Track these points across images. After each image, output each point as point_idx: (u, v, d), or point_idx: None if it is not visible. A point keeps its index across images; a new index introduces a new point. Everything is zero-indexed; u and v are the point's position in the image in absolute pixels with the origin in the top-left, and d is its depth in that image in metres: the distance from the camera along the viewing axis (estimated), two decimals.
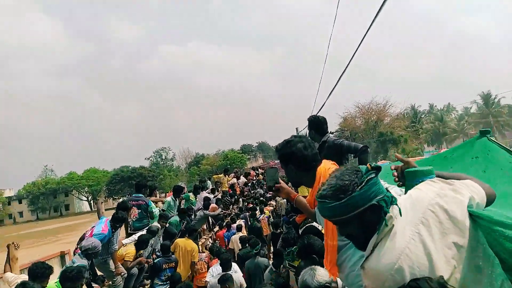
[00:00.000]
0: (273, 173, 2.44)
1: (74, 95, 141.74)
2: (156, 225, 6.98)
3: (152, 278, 6.53)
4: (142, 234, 6.42)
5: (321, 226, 2.47)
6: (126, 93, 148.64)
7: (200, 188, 11.84)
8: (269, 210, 14.48)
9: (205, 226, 11.16)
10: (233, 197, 14.64)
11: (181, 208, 8.76)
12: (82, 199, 77.41)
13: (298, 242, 3.13)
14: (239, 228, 10.05)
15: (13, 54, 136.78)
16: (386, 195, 1.30)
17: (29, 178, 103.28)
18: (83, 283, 4.67)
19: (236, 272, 5.90)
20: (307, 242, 3.12)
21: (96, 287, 5.24)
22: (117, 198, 68.69)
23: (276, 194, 2.51)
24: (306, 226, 4.00)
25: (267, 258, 7.29)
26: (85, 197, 76.60)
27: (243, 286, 5.81)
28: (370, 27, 6.52)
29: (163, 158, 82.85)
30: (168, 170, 74.44)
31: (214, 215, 10.89)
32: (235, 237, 9.33)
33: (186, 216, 8.67)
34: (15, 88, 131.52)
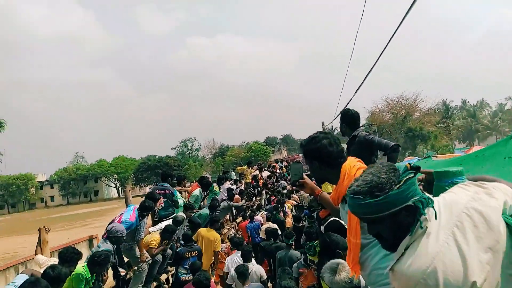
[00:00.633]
0: (297, 168, 2.43)
1: (105, 85, 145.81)
2: (181, 215, 7.09)
3: (176, 267, 6.67)
4: (168, 224, 6.54)
5: (345, 222, 2.44)
6: (155, 84, 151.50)
7: (224, 179, 11.93)
8: (291, 204, 14.46)
9: (228, 216, 11.26)
10: (256, 188, 14.71)
11: (212, 202, 8.84)
12: (110, 186, 79.79)
13: (320, 239, 3.10)
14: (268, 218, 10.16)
15: (47, 43, 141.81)
16: (423, 197, 1.26)
17: (61, 164, 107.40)
18: (109, 267, 4.83)
19: (253, 264, 5.93)
20: (329, 240, 3.09)
21: (122, 272, 5.39)
22: (143, 186, 70.47)
23: (300, 189, 2.49)
24: (329, 221, 3.94)
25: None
26: (113, 183, 78.89)
27: (264, 277, 5.84)
28: (403, 21, 6.29)
29: (189, 148, 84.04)
30: (193, 160, 75.50)
31: (237, 206, 10.99)
32: (263, 227, 9.38)
33: (216, 210, 8.77)
34: (49, 77, 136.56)
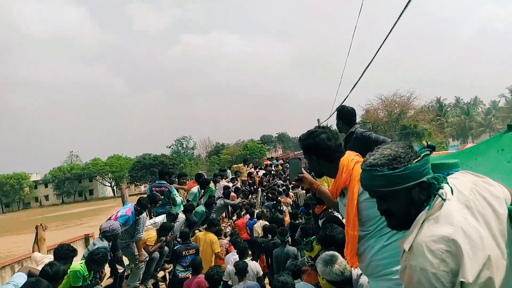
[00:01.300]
0: (295, 163, 2.46)
1: (99, 83, 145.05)
2: (177, 211, 7.10)
3: (173, 264, 6.68)
4: (165, 222, 6.55)
5: (342, 216, 2.47)
6: (149, 82, 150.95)
7: (220, 176, 11.94)
8: (287, 201, 14.52)
9: (224, 214, 11.29)
10: (251, 186, 14.75)
11: (209, 200, 8.84)
12: (105, 185, 79.42)
13: (320, 232, 3.12)
14: (259, 216, 10.13)
15: (40, 42, 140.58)
16: (437, 175, 1.30)
17: (55, 163, 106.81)
18: (105, 266, 4.83)
19: (249, 261, 5.95)
20: (329, 233, 3.09)
21: (120, 269, 5.40)
22: (139, 184, 70.18)
23: (298, 184, 2.53)
24: (327, 216, 3.98)
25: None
26: (108, 182, 78.55)
27: (260, 273, 5.87)
28: (398, 20, 6.33)
29: (184, 146, 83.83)
30: (188, 158, 75.36)
31: (233, 204, 11.02)
32: (257, 225, 9.40)
33: (212, 208, 8.78)
34: (43, 75, 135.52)
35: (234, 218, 11.59)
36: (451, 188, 1.30)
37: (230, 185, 11.77)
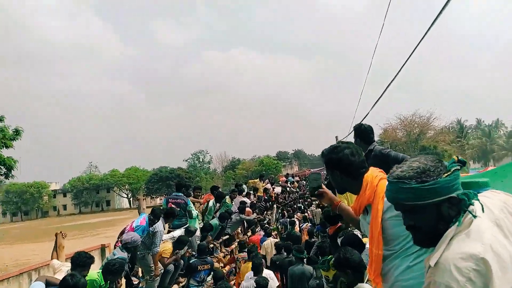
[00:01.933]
0: (316, 178, 2.40)
1: (120, 96, 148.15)
2: (195, 226, 7.10)
3: (188, 278, 6.64)
4: (181, 235, 6.55)
5: (363, 233, 2.42)
6: (169, 96, 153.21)
7: (237, 192, 11.93)
8: (299, 217, 14.38)
9: (239, 229, 11.21)
10: (267, 202, 14.65)
11: (223, 213, 8.83)
12: (122, 196, 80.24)
13: (335, 254, 3.06)
14: (269, 234, 10.05)
15: (65, 54, 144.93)
16: (468, 191, 1.26)
17: (74, 173, 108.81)
18: (122, 277, 4.84)
19: (272, 279, 5.86)
20: (343, 256, 3.02)
21: (135, 281, 5.40)
22: (154, 197, 70.64)
23: (318, 200, 2.48)
24: (346, 235, 3.91)
25: None
26: (125, 194, 79.37)
27: None
28: (421, 41, 6.28)
29: (201, 160, 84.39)
30: (204, 172, 75.70)
31: (248, 220, 10.94)
32: (267, 242, 9.28)
33: (226, 221, 8.74)
34: (66, 87, 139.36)
35: (249, 234, 11.49)
36: (482, 205, 1.25)
37: (246, 200, 11.72)
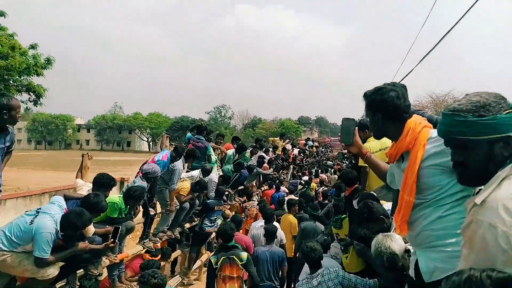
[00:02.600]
0: (349, 125, 2.28)
1: (151, 43, 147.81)
2: (210, 165, 7.21)
3: (202, 217, 6.86)
4: (201, 179, 6.68)
5: (391, 185, 2.33)
6: (199, 47, 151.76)
7: (258, 147, 12.02)
8: (316, 181, 14.49)
9: (254, 182, 11.39)
10: (284, 161, 14.73)
11: (239, 161, 8.95)
12: (143, 139, 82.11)
13: (359, 205, 3.01)
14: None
15: None
16: None
17: (99, 111, 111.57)
18: (141, 204, 5.01)
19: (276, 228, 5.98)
20: (367, 208, 2.95)
21: (151, 211, 5.58)
22: (174, 144, 71.85)
23: (348, 148, 2.39)
24: (363, 194, 3.87)
25: None
26: (145, 137, 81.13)
27: (284, 241, 5.93)
28: (464, 16, 5.86)
29: (222, 115, 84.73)
30: (225, 127, 76.19)
31: (265, 174, 11.09)
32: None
33: (241, 170, 8.86)
34: (101, 27, 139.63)
35: (264, 188, 11.66)
36: None
37: (264, 155, 11.80)
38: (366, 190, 4.65)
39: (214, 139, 9.04)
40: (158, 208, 6.36)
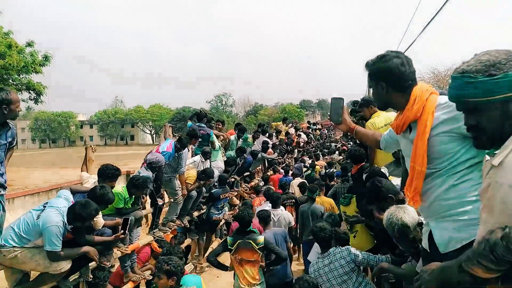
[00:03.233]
0: (338, 103, 2.35)
1: (148, 33, 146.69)
2: (209, 148, 7.19)
3: (208, 206, 6.87)
4: (208, 168, 6.66)
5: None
6: (197, 35, 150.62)
7: (261, 132, 12.00)
8: (321, 165, 14.44)
9: (259, 168, 11.39)
10: (288, 146, 14.69)
11: (241, 147, 8.94)
12: (146, 132, 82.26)
13: (369, 183, 2.96)
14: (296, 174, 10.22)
15: None
16: None
17: (100, 106, 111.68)
18: (147, 194, 5.00)
19: (282, 210, 5.99)
20: (376, 185, 2.89)
21: (159, 201, 5.59)
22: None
23: (337, 126, 2.40)
24: (372, 170, 3.82)
25: None
26: (148, 130, 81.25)
27: (292, 223, 5.94)
28: None
29: (223, 103, 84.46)
30: (226, 115, 76.03)
31: (270, 159, 11.08)
32: (294, 182, 9.45)
33: (243, 155, 8.86)
34: (97, 20, 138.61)
35: (269, 173, 11.65)
36: None
37: (268, 140, 11.77)
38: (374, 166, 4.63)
39: (214, 126, 9.00)
40: (166, 198, 6.38)
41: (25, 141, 79.25)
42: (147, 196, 4.95)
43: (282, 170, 10.46)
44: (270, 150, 11.03)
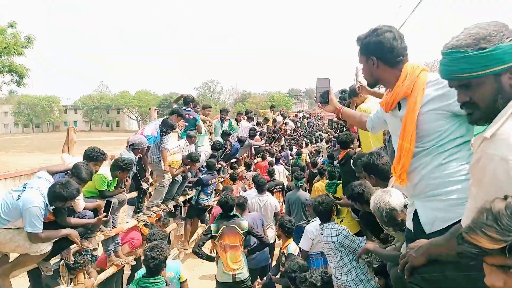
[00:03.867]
0: (324, 83, 2.33)
1: (133, 16, 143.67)
2: (194, 131, 7.13)
3: (197, 192, 6.83)
4: (192, 152, 6.58)
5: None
6: (183, 20, 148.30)
7: (245, 116, 11.93)
8: (306, 152, 14.48)
9: (246, 154, 11.36)
10: (276, 133, 14.67)
11: (226, 130, 8.89)
12: (132, 118, 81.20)
13: (363, 158, 2.90)
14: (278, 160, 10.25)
15: None
16: None
17: (85, 91, 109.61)
18: (130, 176, 4.91)
19: (268, 196, 6.00)
20: (371, 160, 2.79)
21: (144, 185, 5.51)
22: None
23: (323, 108, 2.38)
24: (359, 154, 3.82)
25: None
26: (134, 116, 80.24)
27: (278, 209, 5.95)
28: None
29: (211, 90, 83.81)
30: (214, 103, 75.59)
31: (257, 146, 11.05)
32: (281, 168, 9.45)
33: (228, 137, 8.82)
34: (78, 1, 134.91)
35: (256, 160, 11.62)
36: None
37: (256, 127, 11.71)
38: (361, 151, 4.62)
39: (201, 111, 8.89)
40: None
41: (7, 125, 77.47)
42: (130, 179, 4.86)
43: (271, 158, 10.44)
44: (257, 137, 11.00)
